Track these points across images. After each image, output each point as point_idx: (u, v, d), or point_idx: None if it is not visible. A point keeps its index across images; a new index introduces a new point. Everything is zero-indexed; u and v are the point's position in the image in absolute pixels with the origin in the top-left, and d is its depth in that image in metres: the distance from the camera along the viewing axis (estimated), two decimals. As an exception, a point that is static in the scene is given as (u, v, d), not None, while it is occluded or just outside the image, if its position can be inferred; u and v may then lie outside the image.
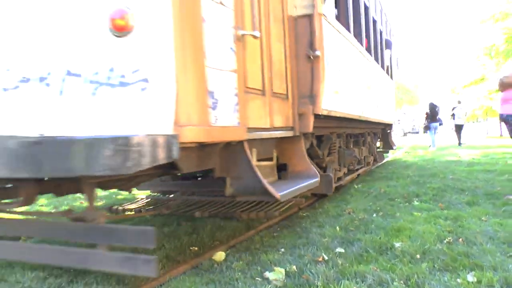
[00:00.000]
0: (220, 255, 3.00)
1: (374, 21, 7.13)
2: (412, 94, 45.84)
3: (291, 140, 3.67)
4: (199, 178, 4.74)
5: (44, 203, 5.46)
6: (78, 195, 4.48)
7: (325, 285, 2.43)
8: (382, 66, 8.09)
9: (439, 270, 2.63)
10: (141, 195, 5.27)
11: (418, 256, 2.89)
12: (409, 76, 46.20)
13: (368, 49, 6.44)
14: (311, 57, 3.73)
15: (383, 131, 9.29)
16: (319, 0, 3.77)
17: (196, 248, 3.29)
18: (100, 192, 5.58)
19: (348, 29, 5.04)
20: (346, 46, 4.82)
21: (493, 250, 2.95)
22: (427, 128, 18.64)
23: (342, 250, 3.08)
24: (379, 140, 9.40)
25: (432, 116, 17.53)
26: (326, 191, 4.31)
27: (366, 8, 6.36)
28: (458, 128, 18.30)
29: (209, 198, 4.36)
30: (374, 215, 4.29)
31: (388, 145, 9.68)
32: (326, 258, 2.91)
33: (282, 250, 3.17)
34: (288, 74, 3.61)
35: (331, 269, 2.69)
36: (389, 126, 9.52)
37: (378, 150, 9.18)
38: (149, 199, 4.65)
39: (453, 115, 17.98)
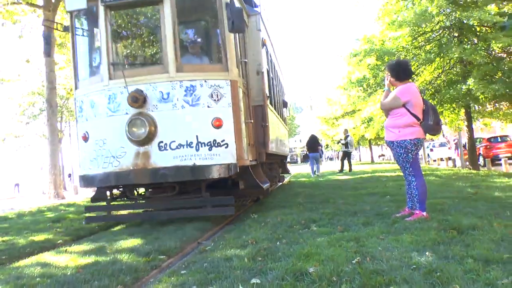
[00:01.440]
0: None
1: (282, 92, 13.45)
2: (289, 126, 48.99)
3: (257, 165, 7.78)
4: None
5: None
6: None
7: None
8: (283, 118, 13.07)
9: (357, 290, 2.73)
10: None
11: (334, 278, 2.97)
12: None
13: (278, 112, 11.14)
14: (263, 125, 7.78)
15: (282, 161, 14.36)
16: (266, 98, 7.99)
17: None
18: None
19: (274, 106, 9.89)
20: (273, 116, 9.47)
21: (394, 265, 3.17)
22: (306, 158, 20.15)
23: (258, 281, 3.03)
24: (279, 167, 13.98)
25: (313, 147, 19.17)
26: (267, 193, 8.20)
27: (280, 84, 12.64)
28: (348, 156, 20.21)
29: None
30: (278, 243, 4.34)
31: (285, 170, 15.43)
32: (243, 291, 2.84)
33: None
34: (254, 134, 7.50)
35: (252, 301, 2.62)
36: (286, 157, 14.94)
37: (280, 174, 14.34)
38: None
39: (346, 143, 19.91)
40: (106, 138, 6.26)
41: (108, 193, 6.81)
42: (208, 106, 6.14)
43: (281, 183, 13.88)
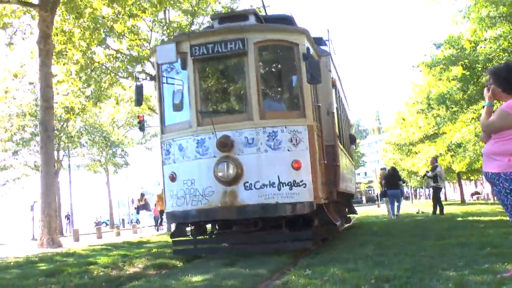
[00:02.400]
0: None
1: (348, 123, 16.17)
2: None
3: (329, 203, 9.92)
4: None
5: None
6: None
7: None
8: (350, 155, 15.31)
9: None
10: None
11: None
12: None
13: (346, 148, 13.27)
14: (334, 165, 10.03)
15: (348, 200, 15.79)
16: (336, 138, 10.29)
17: None
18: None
19: (342, 143, 12.19)
20: (343, 154, 11.66)
21: None
22: (383, 195, 20.43)
23: None
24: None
25: (393, 182, 19.36)
26: (338, 231, 12.21)
27: (346, 116, 15.26)
28: (439, 192, 20.12)
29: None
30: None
31: (352, 210, 17.00)
32: None
33: None
34: (326, 173, 9.57)
35: None
36: (352, 195, 16.77)
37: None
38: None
39: (435, 176, 19.37)
40: (194, 178, 8.71)
41: (188, 228, 9.90)
42: (288, 150, 8.57)
43: (348, 225, 15.97)
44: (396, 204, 20.10)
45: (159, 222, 28.14)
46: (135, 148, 47.67)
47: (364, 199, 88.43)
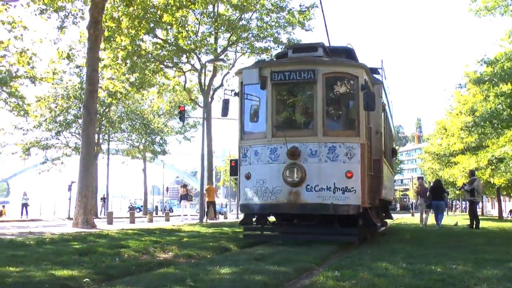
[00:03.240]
0: None
1: (391, 137, 17.87)
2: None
3: (371, 208, 11.89)
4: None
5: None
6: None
7: None
8: (391, 166, 17.02)
9: None
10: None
11: None
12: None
13: (388, 160, 14.71)
14: (378, 176, 12.10)
15: (385, 206, 17.23)
16: (382, 154, 12.53)
17: None
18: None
19: (386, 157, 13.66)
20: (385, 167, 13.42)
21: None
22: (428, 207, 21.12)
23: None
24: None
25: (438, 194, 20.48)
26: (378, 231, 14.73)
27: (391, 131, 17.22)
28: (475, 207, 19.92)
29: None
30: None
31: (388, 215, 18.21)
32: None
33: None
34: (371, 182, 11.53)
35: None
36: (390, 202, 18.40)
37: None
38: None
39: (472, 190, 18.93)
40: (265, 179, 10.90)
41: (253, 219, 12.14)
42: (344, 162, 10.63)
43: (384, 228, 17.14)
44: (439, 214, 20.78)
45: (205, 212, 28.25)
46: (174, 137, 48.10)
47: (398, 206, 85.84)
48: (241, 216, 13.03)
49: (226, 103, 12.36)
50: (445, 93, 61.93)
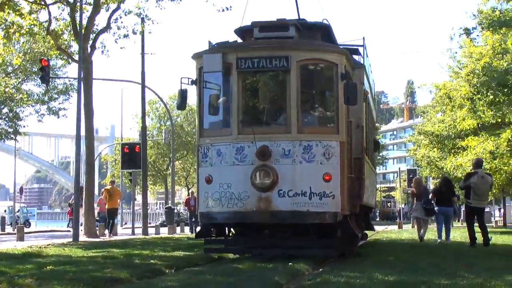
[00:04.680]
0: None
1: (373, 127, 16.88)
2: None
3: (351, 216, 10.65)
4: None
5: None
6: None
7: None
8: (373, 163, 15.21)
9: None
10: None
11: None
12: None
13: (369, 157, 13.27)
14: (359, 178, 10.78)
15: (366, 213, 14.94)
16: (364, 151, 11.38)
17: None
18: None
19: (367, 153, 12.39)
20: (368, 166, 12.34)
21: None
22: (431, 213, 16.39)
23: None
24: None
25: (446, 198, 15.41)
26: (357, 244, 12.91)
27: (374, 121, 16.26)
28: (473, 214, 14.32)
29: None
30: None
31: (369, 226, 16.08)
32: None
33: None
34: (351, 186, 10.32)
35: None
36: (371, 209, 16.87)
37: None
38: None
39: (468, 188, 13.71)
40: (230, 183, 9.60)
41: (225, 229, 10.89)
42: (321, 163, 9.53)
43: (363, 241, 14.77)
44: (445, 225, 15.77)
45: (109, 223, 22.30)
46: (33, 109, 33.10)
47: (378, 214, 59.88)
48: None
49: (183, 93, 10.72)
50: (448, 43, 46.60)
